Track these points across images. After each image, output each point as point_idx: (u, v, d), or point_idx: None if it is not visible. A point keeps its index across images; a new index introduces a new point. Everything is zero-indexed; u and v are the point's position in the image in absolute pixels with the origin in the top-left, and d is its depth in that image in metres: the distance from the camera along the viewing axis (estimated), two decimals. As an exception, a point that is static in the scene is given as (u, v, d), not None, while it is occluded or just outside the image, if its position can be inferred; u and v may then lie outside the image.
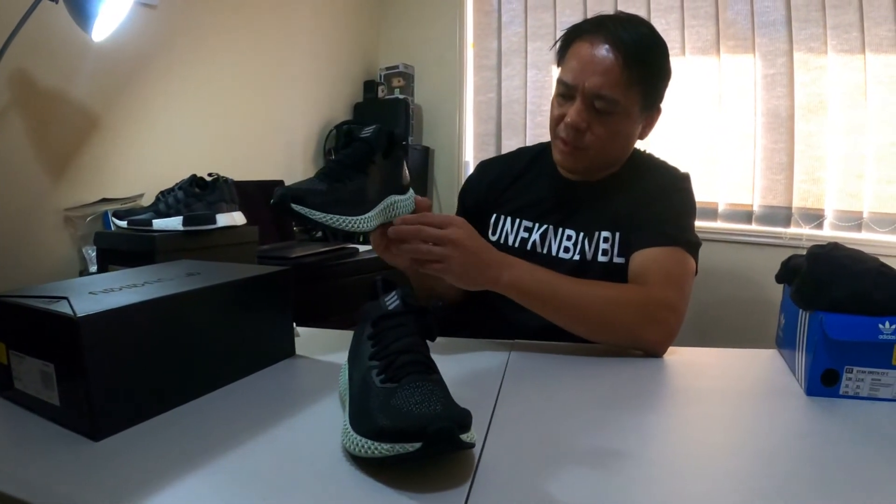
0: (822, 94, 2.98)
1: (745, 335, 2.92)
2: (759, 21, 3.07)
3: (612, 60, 1.34)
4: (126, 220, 1.90)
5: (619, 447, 0.82)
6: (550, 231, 1.50)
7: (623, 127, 1.41)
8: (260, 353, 1.11)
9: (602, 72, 1.34)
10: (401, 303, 0.86)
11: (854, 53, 2.89)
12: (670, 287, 1.28)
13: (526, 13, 3.61)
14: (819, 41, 2.95)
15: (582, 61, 1.37)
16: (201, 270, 1.11)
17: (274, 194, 0.99)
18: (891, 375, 0.97)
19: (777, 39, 3.04)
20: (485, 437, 0.83)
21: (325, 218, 1.00)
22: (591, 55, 1.35)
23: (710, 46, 3.18)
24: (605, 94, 1.34)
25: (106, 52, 2.13)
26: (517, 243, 1.52)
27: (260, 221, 2.18)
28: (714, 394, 1.05)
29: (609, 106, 1.35)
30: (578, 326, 1.24)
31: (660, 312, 1.24)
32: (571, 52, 1.41)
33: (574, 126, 1.37)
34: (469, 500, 0.67)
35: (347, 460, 0.75)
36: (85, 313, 0.77)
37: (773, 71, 3.06)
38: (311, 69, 3.38)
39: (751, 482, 0.73)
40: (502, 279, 1.19)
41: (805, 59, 3.00)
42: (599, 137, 1.39)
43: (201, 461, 0.74)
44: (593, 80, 1.34)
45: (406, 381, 0.75)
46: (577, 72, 1.37)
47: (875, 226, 2.89)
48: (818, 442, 0.85)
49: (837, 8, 2.89)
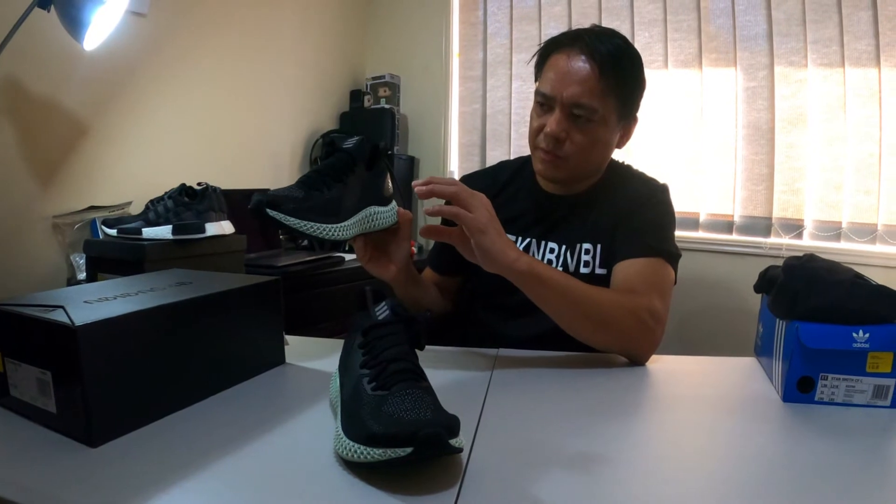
0: (802, 106, 3.02)
1: (726, 343, 2.96)
2: (740, 35, 3.11)
3: (589, 70, 1.37)
4: (116, 229, 1.90)
5: (601, 452, 0.84)
6: (533, 244, 1.52)
7: (601, 135, 1.43)
8: (251, 361, 1.12)
9: (579, 81, 1.37)
10: (391, 313, 0.88)
11: (834, 67, 2.94)
12: (655, 296, 1.30)
13: (511, 25, 3.64)
14: (799, 55, 3.00)
15: (560, 72, 1.40)
16: (192, 280, 1.12)
17: (252, 199, 1.00)
18: (865, 382, 1.00)
19: (758, 53, 3.09)
20: (472, 442, 0.85)
21: (298, 224, 1.02)
22: (569, 66, 1.39)
23: (693, 60, 3.22)
24: (583, 103, 1.37)
25: (96, 61, 2.14)
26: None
27: (248, 230, 2.20)
28: (694, 401, 1.07)
29: (587, 114, 1.38)
30: (582, 323, 1.25)
31: (649, 321, 1.26)
32: (549, 64, 1.44)
33: (554, 135, 1.40)
34: (458, 502, 0.69)
35: (340, 465, 0.76)
36: (82, 322, 0.78)
37: (755, 84, 3.10)
38: (297, 78, 3.39)
39: (727, 485, 0.75)
40: (521, 261, 1.19)
41: (786, 73, 3.04)
42: (579, 146, 1.41)
43: (196, 467, 0.76)
44: (571, 90, 1.37)
45: (396, 389, 0.77)
46: (555, 82, 1.40)
47: (854, 236, 2.93)
48: (793, 446, 0.88)
49: (818, 23, 2.94)
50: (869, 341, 0.97)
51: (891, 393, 1.00)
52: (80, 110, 2.17)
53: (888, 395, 1.00)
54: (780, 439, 0.91)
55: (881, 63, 2.84)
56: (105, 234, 1.94)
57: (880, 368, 0.99)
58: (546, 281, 1.21)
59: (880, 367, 0.99)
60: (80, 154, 2.18)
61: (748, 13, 3.09)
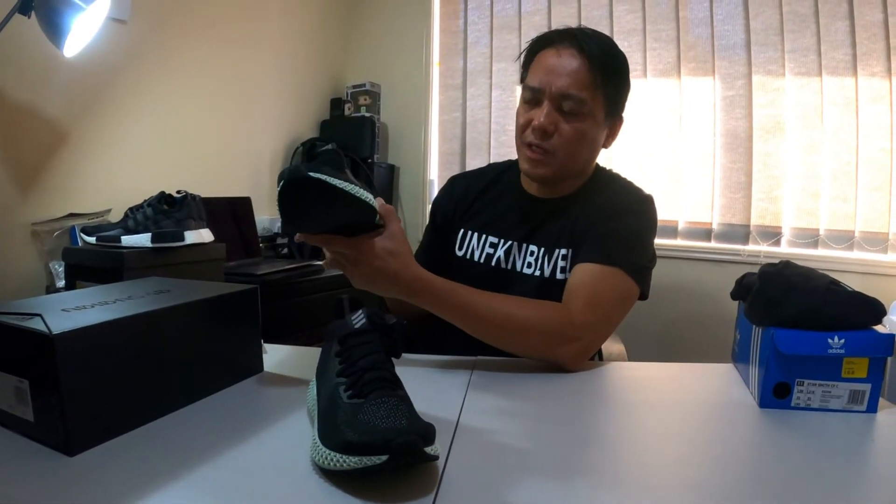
0: (779, 115, 3.06)
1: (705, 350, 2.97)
2: (719, 44, 3.14)
3: (579, 64, 1.38)
4: (95, 236, 1.88)
5: (578, 459, 0.84)
6: (515, 247, 1.51)
7: (589, 129, 1.42)
8: (229, 369, 1.11)
9: (569, 73, 1.38)
10: (367, 321, 0.88)
11: (811, 76, 2.98)
12: (592, 310, 1.28)
13: (491, 34, 3.66)
14: (777, 64, 3.04)
15: (549, 66, 1.40)
16: (171, 288, 1.12)
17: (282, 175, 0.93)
18: (841, 387, 1.01)
19: (736, 62, 3.12)
20: (448, 450, 0.85)
21: (345, 185, 0.93)
22: (558, 60, 1.39)
23: (672, 69, 3.25)
24: (572, 94, 1.37)
25: (76, 67, 2.13)
26: (483, 259, 1.54)
27: (227, 238, 2.19)
28: (670, 407, 1.08)
29: (576, 106, 1.38)
30: (493, 341, 1.25)
31: (574, 332, 1.24)
32: (538, 60, 1.44)
33: (542, 128, 1.39)
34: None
35: (316, 473, 0.76)
36: (60, 330, 0.78)
37: (733, 93, 3.14)
38: (278, 86, 3.38)
39: (703, 491, 0.75)
40: (412, 286, 1.16)
41: (763, 82, 3.08)
42: (566, 138, 1.40)
43: (173, 476, 0.75)
44: (561, 81, 1.38)
45: (372, 397, 0.77)
46: (545, 75, 1.40)
47: (831, 242, 2.97)
48: (769, 452, 0.88)
49: (795, 32, 2.98)
50: (844, 347, 0.98)
51: (866, 398, 1.01)
52: (60, 117, 2.16)
53: (864, 400, 1.01)
54: (756, 445, 0.92)
55: (858, 72, 2.88)
56: (84, 241, 1.92)
57: (856, 374, 1.00)
58: (441, 302, 1.21)
59: (856, 373, 1.00)
60: (59, 161, 2.16)
61: (726, 23, 3.12)
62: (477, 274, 1.51)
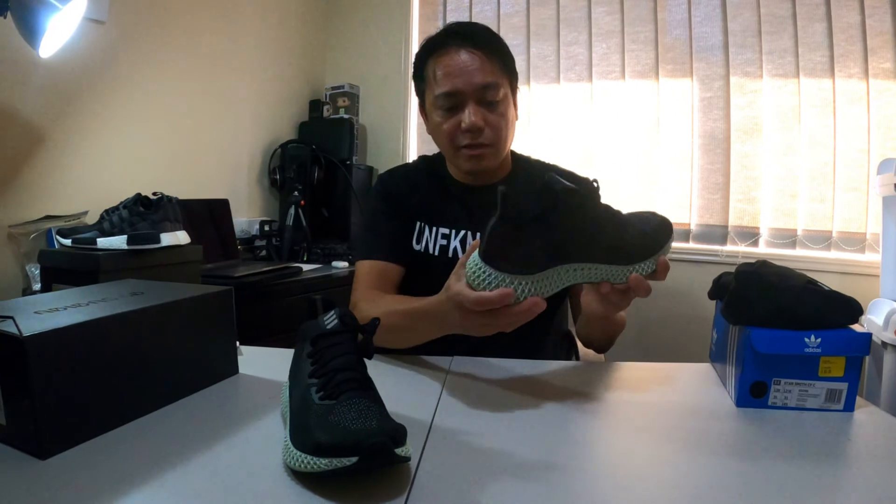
0: (757, 116, 3.08)
1: (684, 350, 2.99)
2: (696, 46, 3.16)
3: (479, 55, 1.41)
4: (70, 239, 1.86)
5: (553, 460, 0.83)
6: (469, 237, 1.52)
7: (508, 110, 1.46)
8: (204, 371, 1.10)
9: (478, 67, 1.40)
10: (339, 322, 0.87)
11: (788, 78, 3.00)
12: None
13: (470, 35, 3.64)
14: (755, 66, 3.06)
15: (455, 68, 1.41)
16: (145, 290, 1.10)
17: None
18: (817, 386, 1.01)
19: (714, 64, 3.14)
20: (422, 451, 0.84)
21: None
22: (459, 60, 1.41)
23: (650, 70, 3.26)
24: (490, 83, 1.40)
25: (53, 68, 2.10)
26: (437, 251, 1.54)
27: (204, 240, 2.17)
28: (647, 407, 1.07)
29: (495, 94, 1.41)
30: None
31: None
32: (439, 67, 1.44)
33: (475, 126, 1.40)
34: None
35: (289, 475, 0.75)
36: (31, 333, 0.77)
37: (710, 94, 3.15)
38: (256, 88, 3.36)
39: (679, 490, 0.75)
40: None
41: (741, 83, 3.10)
42: (497, 127, 1.43)
43: (147, 478, 0.74)
44: (476, 77, 1.40)
45: (344, 398, 0.76)
46: (457, 77, 1.41)
47: (808, 242, 2.99)
48: (746, 451, 0.88)
49: (773, 34, 3.00)
50: (821, 346, 0.98)
51: (843, 397, 1.01)
52: (36, 118, 2.13)
53: (841, 398, 1.01)
54: (732, 444, 0.91)
55: (835, 74, 2.90)
56: (60, 244, 1.90)
57: (832, 373, 1.00)
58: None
59: (832, 372, 1.00)
60: (36, 163, 2.14)
61: (704, 25, 3.14)
62: (439, 267, 1.50)
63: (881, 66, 2.83)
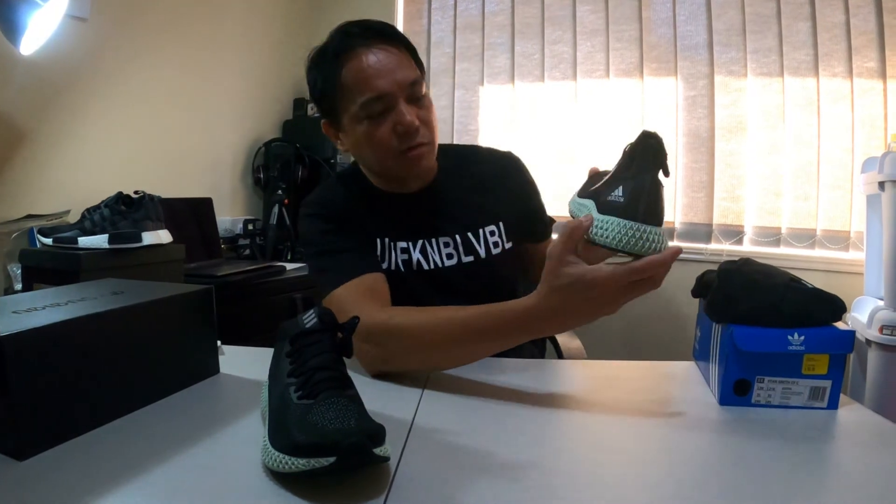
0: (741, 115, 3.09)
1: (669, 349, 2.99)
2: (681, 45, 3.17)
3: (392, 52, 1.32)
4: (52, 238, 1.85)
5: (534, 458, 0.83)
6: (428, 245, 1.44)
7: (431, 103, 1.39)
8: (184, 371, 1.09)
9: (396, 64, 1.31)
10: (318, 321, 0.86)
11: (773, 76, 3.01)
12: None
13: (455, 34, 3.65)
14: (739, 64, 3.07)
15: (375, 69, 1.30)
16: (126, 289, 1.09)
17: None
18: (801, 384, 1.00)
19: (698, 62, 3.15)
20: (402, 451, 0.83)
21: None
22: (377, 60, 1.31)
23: (634, 69, 3.26)
24: (415, 78, 1.32)
25: (34, 65, 2.08)
26: (402, 266, 1.43)
27: (187, 239, 2.15)
28: (630, 405, 1.07)
29: (420, 88, 1.34)
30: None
31: None
32: (356, 71, 1.32)
33: (412, 125, 1.30)
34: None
35: (268, 476, 0.74)
36: (7, 332, 0.76)
37: (695, 93, 3.16)
38: (240, 86, 3.34)
39: (661, 489, 0.74)
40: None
41: (725, 82, 3.11)
42: (430, 125, 1.36)
43: (126, 479, 0.73)
44: (401, 74, 1.31)
45: (322, 398, 0.76)
46: (381, 79, 1.30)
47: (792, 241, 3.00)
48: (729, 449, 0.88)
49: (757, 33, 3.01)
50: (804, 344, 0.98)
51: (827, 394, 1.01)
52: (17, 116, 2.11)
53: (824, 396, 1.01)
54: (715, 442, 0.91)
55: (819, 72, 2.92)
56: (41, 243, 1.89)
57: (816, 370, 1.00)
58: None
59: (816, 369, 1.00)
60: (17, 161, 2.12)
61: (689, 23, 3.15)
62: (407, 282, 1.42)
63: (865, 66, 2.85)
